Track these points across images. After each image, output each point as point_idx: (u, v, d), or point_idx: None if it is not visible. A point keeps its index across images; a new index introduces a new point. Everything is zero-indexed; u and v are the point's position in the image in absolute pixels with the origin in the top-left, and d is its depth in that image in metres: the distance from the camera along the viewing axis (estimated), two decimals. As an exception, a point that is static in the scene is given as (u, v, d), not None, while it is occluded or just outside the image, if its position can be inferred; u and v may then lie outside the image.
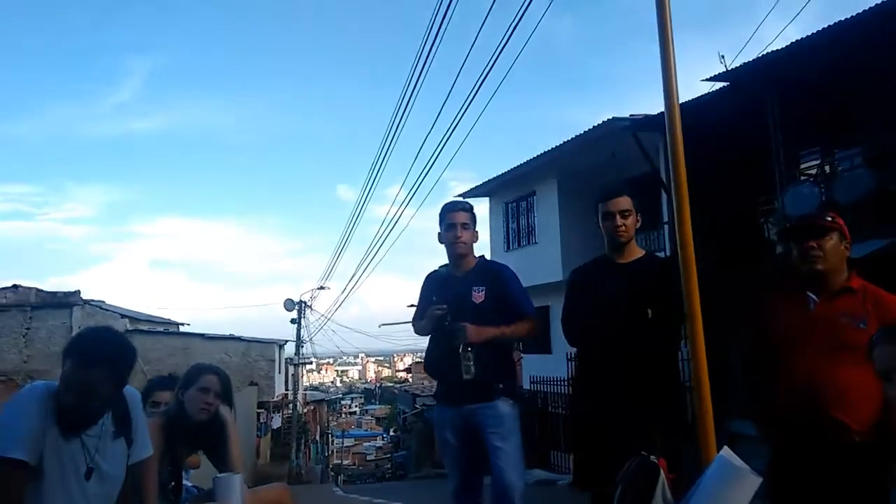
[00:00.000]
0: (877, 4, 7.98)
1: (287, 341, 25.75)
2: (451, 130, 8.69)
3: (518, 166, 16.18)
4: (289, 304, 24.35)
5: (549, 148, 14.47)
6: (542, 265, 14.93)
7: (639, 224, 3.20)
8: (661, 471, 2.07)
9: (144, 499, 2.50)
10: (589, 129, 13.03)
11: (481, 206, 19.57)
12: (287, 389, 26.97)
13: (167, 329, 25.47)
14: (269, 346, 24.21)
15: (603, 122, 12.44)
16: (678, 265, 3.12)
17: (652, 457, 2.14)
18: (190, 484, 3.42)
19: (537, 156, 15.12)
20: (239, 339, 23.68)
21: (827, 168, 9.35)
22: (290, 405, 25.21)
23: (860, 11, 8.11)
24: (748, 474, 1.85)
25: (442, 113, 8.93)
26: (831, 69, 8.89)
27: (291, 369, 26.66)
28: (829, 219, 2.69)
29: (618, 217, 3.11)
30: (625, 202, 3.14)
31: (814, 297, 2.64)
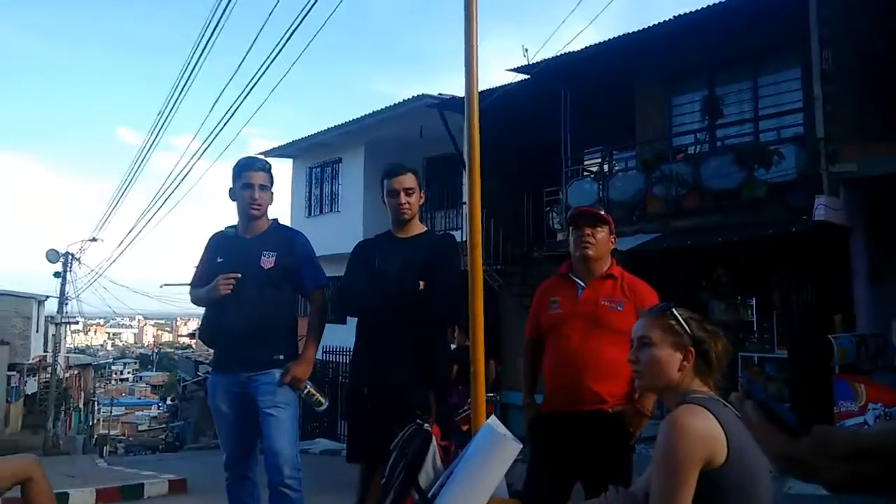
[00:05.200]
0: (647, 27, 9.01)
1: (48, 297, 22.98)
2: (253, 82, 8.20)
3: (325, 131, 15.85)
4: (52, 256, 21.54)
5: (359, 116, 14.37)
6: (344, 234, 14.77)
7: (422, 201, 3.27)
8: (434, 438, 2.13)
9: None
10: (399, 103, 13.12)
11: (284, 168, 18.90)
12: (46, 351, 24.14)
13: None
14: (25, 302, 21.52)
15: (413, 97, 12.59)
16: (454, 242, 3.26)
17: (425, 425, 2.19)
18: None
19: (346, 123, 14.93)
20: (-13, 291, 20.69)
21: (606, 167, 10.34)
22: (49, 368, 22.59)
23: (635, 31, 9.11)
24: (510, 441, 1.97)
25: (249, 62, 8.40)
26: (617, 76, 9.85)
27: (52, 329, 23.87)
28: (602, 212, 2.97)
29: (402, 194, 3.15)
30: (409, 180, 3.18)
31: (581, 282, 2.91)
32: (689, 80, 9.72)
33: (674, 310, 1.91)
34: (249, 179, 3.23)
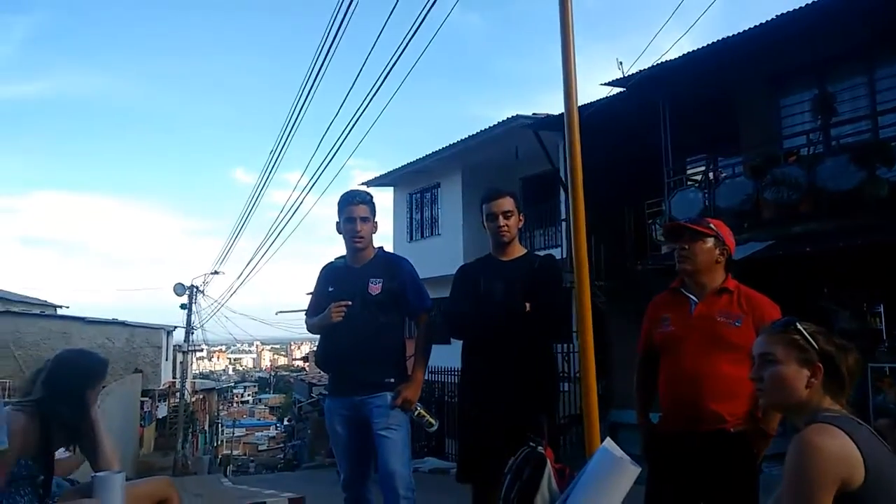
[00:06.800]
0: (748, 29, 8.63)
1: (176, 327, 24.68)
2: (356, 118, 8.57)
3: (423, 158, 16.22)
4: (179, 289, 23.22)
5: (455, 141, 14.61)
6: (444, 257, 15.03)
7: (521, 223, 3.32)
8: (548, 461, 2.14)
9: None
10: (494, 125, 13.25)
11: (385, 196, 19.45)
12: (175, 377, 25.87)
13: (43, 311, 23.76)
14: (155, 332, 23.12)
15: (507, 118, 12.68)
16: (556, 263, 3.26)
17: (539, 448, 2.20)
18: (63, 479, 3.20)
19: (443, 148, 15.21)
20: (123, 323, 22.45)
21: (711, 175, 9.95)
22: (178, 394, 24.17)
23: (740, 31, 8.75)
24: (628, 464, 1.95)
25: (349, 100, 8.80)
26: (718, 81, 9.50)
27: (180, 356, 25.56)
28: (710, 226, 2.85)
29: (500, 217, 3.22)
30: (507, 203, 3.24)
31: (694, 298, 2.81)
32: (797, 80, 9.23)
33: (798, 324, 1.84)
34: (352, 213, 3.37)
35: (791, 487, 1.63)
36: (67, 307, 26.31)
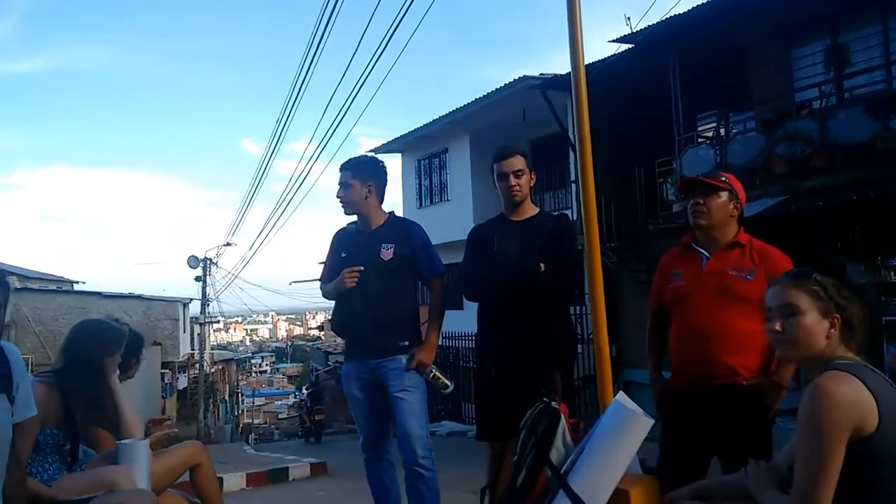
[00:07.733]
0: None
1: (192, 300, 24.89)
2: (359, 84, 8.51)
3: (430, 123, 16.10)
4: (193, 262, 23.42)
5: (462, 105, 14.47)
6: (454, 222, 15.01)
7: (533, 182, 3.31)
8: (563, 416, 2.17)
9: (15, 457, 2.32)
10: (501, 87, 13.10)
11: (393, 163, 19.39)
12: (193, 349, 26.21)
13: (60, 287, 24.04)
14: (172, 305, 23.31)
15: (514, 80, 12.53)
16: (569, 223, 3.25)
17: (553, 403, 2.23)
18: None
19: (449, 112, 15.08)
20: (140, 297, 22.66)
21: (722, 131, 9.81)
22: (197, 365, 24.53)
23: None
24: (641, 417, 1.97)
25: (352, 66, 8.71)
26: (728, 34, 9.30)
27: (197, 328, 25.87)
28: (723, 179, 2.84)
29: (511, 177, 3.21)
30: (518, 162, 3.22)
31: (706, 252, 2.81)
32: (810, 30, 9.02)
33: (816, 276, 1.84)
34: (339, 180, 3.41)
35: (805, 433, 1.65)
36: (84, 283, 26.57)
